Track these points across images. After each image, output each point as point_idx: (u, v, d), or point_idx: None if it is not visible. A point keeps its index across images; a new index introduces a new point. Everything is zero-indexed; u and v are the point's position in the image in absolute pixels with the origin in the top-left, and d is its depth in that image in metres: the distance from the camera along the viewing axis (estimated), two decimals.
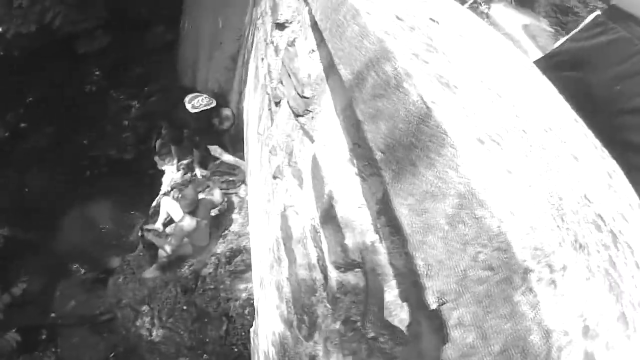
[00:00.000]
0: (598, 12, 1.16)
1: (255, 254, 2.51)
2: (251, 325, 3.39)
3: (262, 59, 2.89)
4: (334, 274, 1.14)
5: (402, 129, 0.63)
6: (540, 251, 0.49)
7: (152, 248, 4.32)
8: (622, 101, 1.10)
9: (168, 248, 3.91)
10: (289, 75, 1.73)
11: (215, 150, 4.86)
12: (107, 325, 3.64)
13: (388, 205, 0.88)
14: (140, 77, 5.45)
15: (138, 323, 3.64)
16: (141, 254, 4.18)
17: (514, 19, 1.88)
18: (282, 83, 1.89)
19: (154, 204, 4.70)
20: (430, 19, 1.07)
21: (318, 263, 1.32)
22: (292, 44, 1.76)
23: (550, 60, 1.30)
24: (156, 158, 5.11)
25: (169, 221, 4.52)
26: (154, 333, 3.63)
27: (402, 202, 0.60)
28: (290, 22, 2.08)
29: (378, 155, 0.65)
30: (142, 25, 5.15)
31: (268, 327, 1.79)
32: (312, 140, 1.49)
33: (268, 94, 2.31)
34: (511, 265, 0.46)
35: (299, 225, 1.50)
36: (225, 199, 4.81)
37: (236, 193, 5.34)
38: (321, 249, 1.27)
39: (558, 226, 0.59)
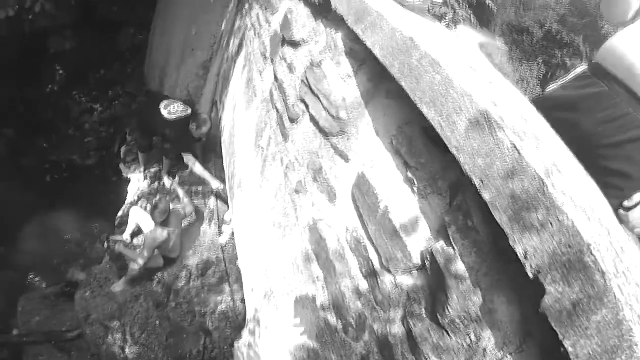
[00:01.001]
0: (585, 67, 1.50)
1: (255, 267, 2.55)
2: (232, 339, 3.37)
3: (261, 72, 2.97)
4: (387, 278, 1.30)
5: (498, 165, 0.84)
6: (591, 234, 0.81)
7: (119, 260, 4.09)
8: (601, 139, 1.44)
9: (140, 260, 3.75)
10: (316, 96, 1.86)
11: (188, 159, 4.76)
12: (75, 342, 3.37)
13: (457, 216, 1.08)
14: (104, 79, 5.15)
15: (109, 339, 3.43)
16: (108, 266, 3.94)
17: (472, 38, 2.17)
18: (303, 101, 2.01)
19: (119, 213, 4.46)
20: (470, 67, 1.30)
21: (361, 270, 1.47)
22: (318, 65, 1.89)
23: (542, 103, 1.61)
24: (121, 165, 4.85)
25: (137, 232, 4.32)
26: (127, 350, 3.44)
27: (502, 214, 0.81)
28: (307, 42, 2.19)
29: (477, 182, 0.85)
30: (111, 26, 4.89)
31: (286, 337, 1.87)
32: (347, 160, 1.64)
33: (277, 109, 2.40)
34: (580, 242, 0.77)
35: (333, 237, 1.64)
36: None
37: (205, 204, 5.24)
38: (366, 258, 1.42)
39: (590, 223, 0.90)
